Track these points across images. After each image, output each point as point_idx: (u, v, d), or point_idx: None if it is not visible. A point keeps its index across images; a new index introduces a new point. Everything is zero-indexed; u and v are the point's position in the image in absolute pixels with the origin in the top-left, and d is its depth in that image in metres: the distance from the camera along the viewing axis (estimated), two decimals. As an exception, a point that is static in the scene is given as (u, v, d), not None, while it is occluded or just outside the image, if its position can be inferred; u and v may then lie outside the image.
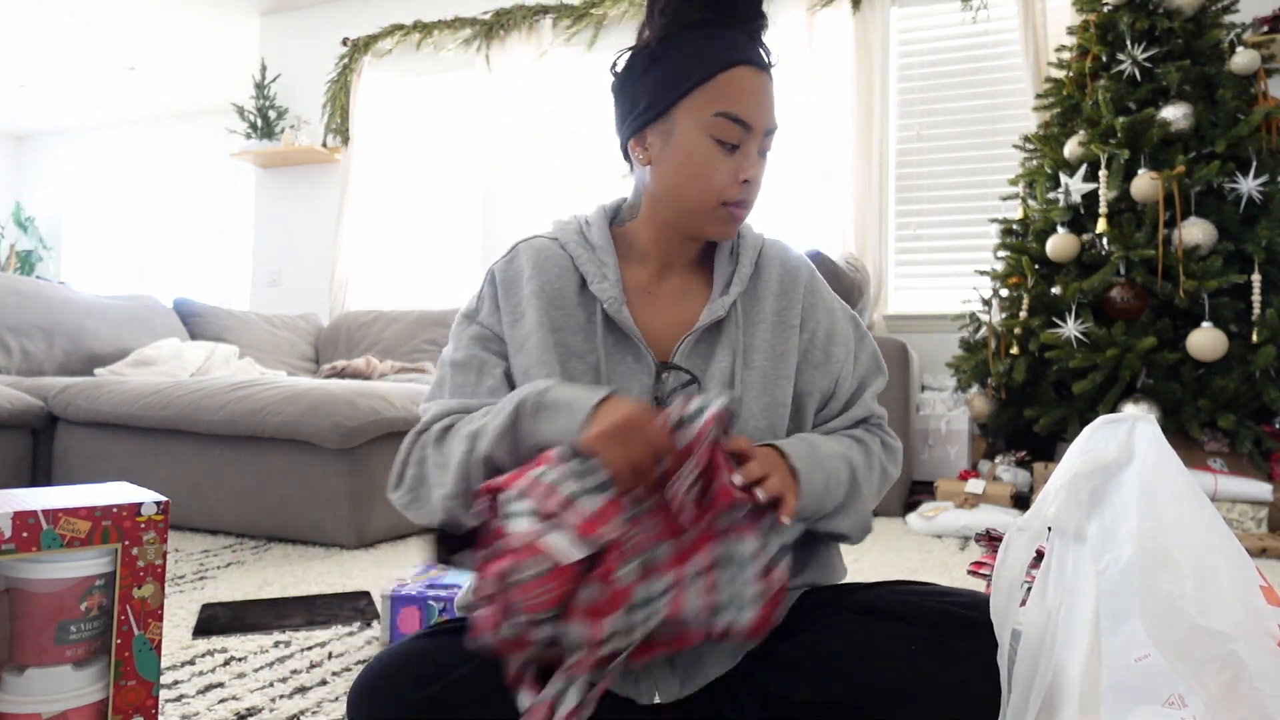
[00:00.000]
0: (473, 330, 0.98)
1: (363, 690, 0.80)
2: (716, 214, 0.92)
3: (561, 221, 1.05)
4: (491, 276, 0.99)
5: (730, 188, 0.91)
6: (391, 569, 1.98)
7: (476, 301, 1.00)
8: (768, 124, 0.92)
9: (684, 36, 0.91)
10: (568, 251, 0.99)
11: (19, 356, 2.98)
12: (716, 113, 0.89)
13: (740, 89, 0.89)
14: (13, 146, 7.39)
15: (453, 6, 4.50)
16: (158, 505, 0.85)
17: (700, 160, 0.90)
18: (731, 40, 0.90)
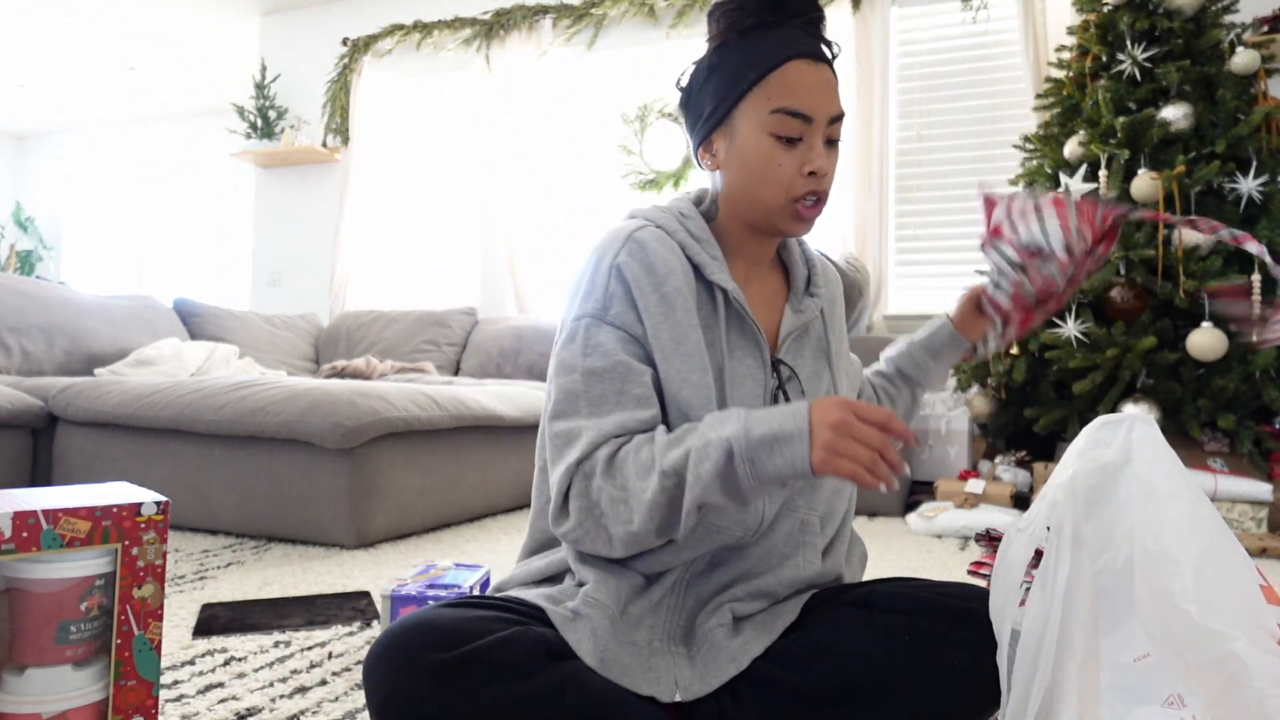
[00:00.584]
0: (606, 332, 0.91)
1: (382, 651, 0.79)
2: (787, 210, 0.93)
3: (647, 211, 1.00)
4: (618, 271, 0.92)
5: (796, 182, 0.91)
6: (391, 569, 1.98)
7: (604, 298, 0.92)
8: (829, 112, 0.92)
9: (739, 41, 0.93)
10: (677, 240, 0.96)
11: (19, 356, 2.98)
12: (773, 109, 0.90)
13: (795, 83, 0.90)
14: (13, 146, 7.39)
15: (453, 6, 4.50)
16: (158, 505, 0.85)
17: (763, 159, 0.91)
18: (784, 37, 0.91)
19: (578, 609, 0.87)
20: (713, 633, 0.88)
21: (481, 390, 2.79)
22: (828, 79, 0.92)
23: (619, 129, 4.17)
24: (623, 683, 0.83)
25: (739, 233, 0.99)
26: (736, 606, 0.91)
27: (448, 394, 2.53)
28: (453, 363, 3.93)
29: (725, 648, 0.87)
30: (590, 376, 0.89)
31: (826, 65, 0.93)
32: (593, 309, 0.92)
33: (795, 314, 1.01)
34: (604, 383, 0.89)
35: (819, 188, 0.92)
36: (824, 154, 0.92)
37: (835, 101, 0.93)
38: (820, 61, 0.92)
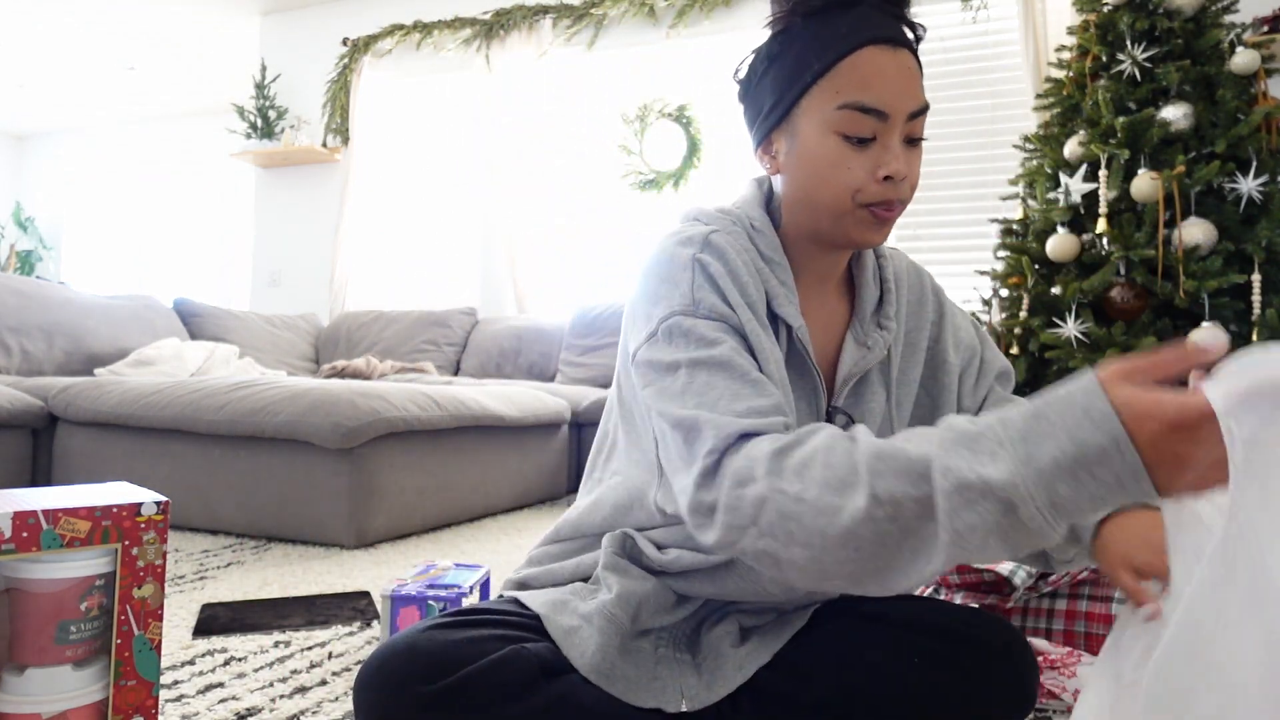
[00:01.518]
0: (704, 324, 0.78)
1: (370, 679, 0.77)
2: (857, 216, 0.80)
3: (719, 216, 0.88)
4: (700, 265, 0.80)
5: (868, 186, 0.79)
6: (391, 569, 1.98)
7: (690, 292, 0.79)
8: (908, 106, 0.78)
9: (803, 25, 0.80)
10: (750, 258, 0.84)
11: (19, 356, 2.98)
12: (841, 105, 0.77)
13: (868, 73, 0.77)
14: (13, 146, 7.39)
15: (453, 6, 4.50)
16: (158, 505, 0.85)
17: (830, 162, 0.79)
18: (857, 18, 0.78)
19: (589, 617, 0.82)
20: (720, 642, 0.85)
21: (481, 390, 2.79)
22: (908, 67, 0.79)
23: (619, 129, 4.17)
24: (625, 697, 0.79)
25: (804, 245, 0.87)
26: (744, 618, 0.89)
27: (448, 394, 2.53)
28: (453, 363, 3.93)
29: (731, 656, 0.84)
30: (697, 368, 0.75)
31: (907, 50, 0.80)
32: (680, 305, 0.79)
33: (858, 348, 0.88)
34: (714, 372, 0.75)
35: (894, 195, 0.79)
36: (902, 155, 0.78)
37: (917, 93, 0.79)
38: (899, 46, 0.79)
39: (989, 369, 0.96)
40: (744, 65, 0.87)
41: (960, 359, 0.94)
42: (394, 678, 0.76)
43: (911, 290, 0.94)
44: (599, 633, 0.80)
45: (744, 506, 0.67)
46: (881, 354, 0.88)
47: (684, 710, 0.81)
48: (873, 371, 0.89)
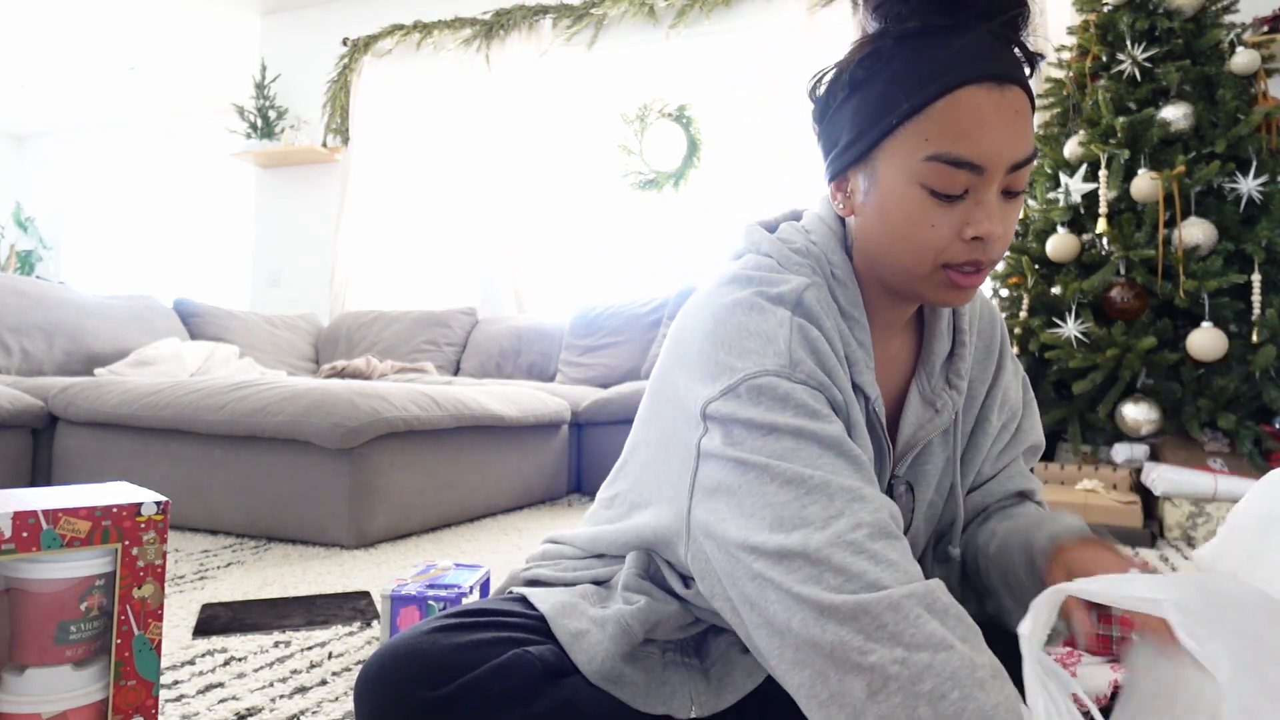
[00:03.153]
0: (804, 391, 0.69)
1: (371, 683, 0.76)
2: (935, 278, 0.71)
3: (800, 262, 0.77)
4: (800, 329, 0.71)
5: (953, 246, 0.69)
6: (391, 569, 1.98)
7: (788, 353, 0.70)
8: (1011, 158, 0.67)
9: (895, 50, 0.69)
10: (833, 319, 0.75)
11: (19, 356, 2.98)
12: (930, 155, 0.67)
13: (966, 119, 0.66)
14: (13, 146, 7.39)
15: (453, 6, 4.51)
16: (158, 505, 0.85)
17: (910, 216, 0.69)
18: (959, 49, 0.66)
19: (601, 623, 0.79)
20: (729, 648, 0.84)
21: (481, 390, 2.79)
22: (1015, 110, 0.67)
23: (619, 129, 4.17)
24: (633, 703, 0.77)
25: (876, 293, 0.78)
26: None
27: (448, 394, 2.53)
28: (453, 363, 3.93)
29: (741, 663, 0.82)
30: (804, 438, 0.66)
31: (1018, 86, 0.67)
32: (774, 365, 0.69)
33: (924, 407, 0.80)
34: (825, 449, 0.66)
35: (984, 256, 0.69)
36: (997, 212, 0.68)
37: (1024, 141, 0.67)
38: (1008, 84, 0.67)
39: (1022, 439, 0.90)
40: (822, 83, 0.76)
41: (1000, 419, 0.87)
42: (395, 682, 0.74)
43: (982, 336, 0.85)
44: (610, 640, 0.78)
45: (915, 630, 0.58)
46: (949, 419, 0.79)
47: (693, 716, 0.79)
48: (949, 437, 0.82)
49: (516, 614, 0.84)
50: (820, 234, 0.79)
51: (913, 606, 0.59)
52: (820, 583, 0.61)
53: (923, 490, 0.82)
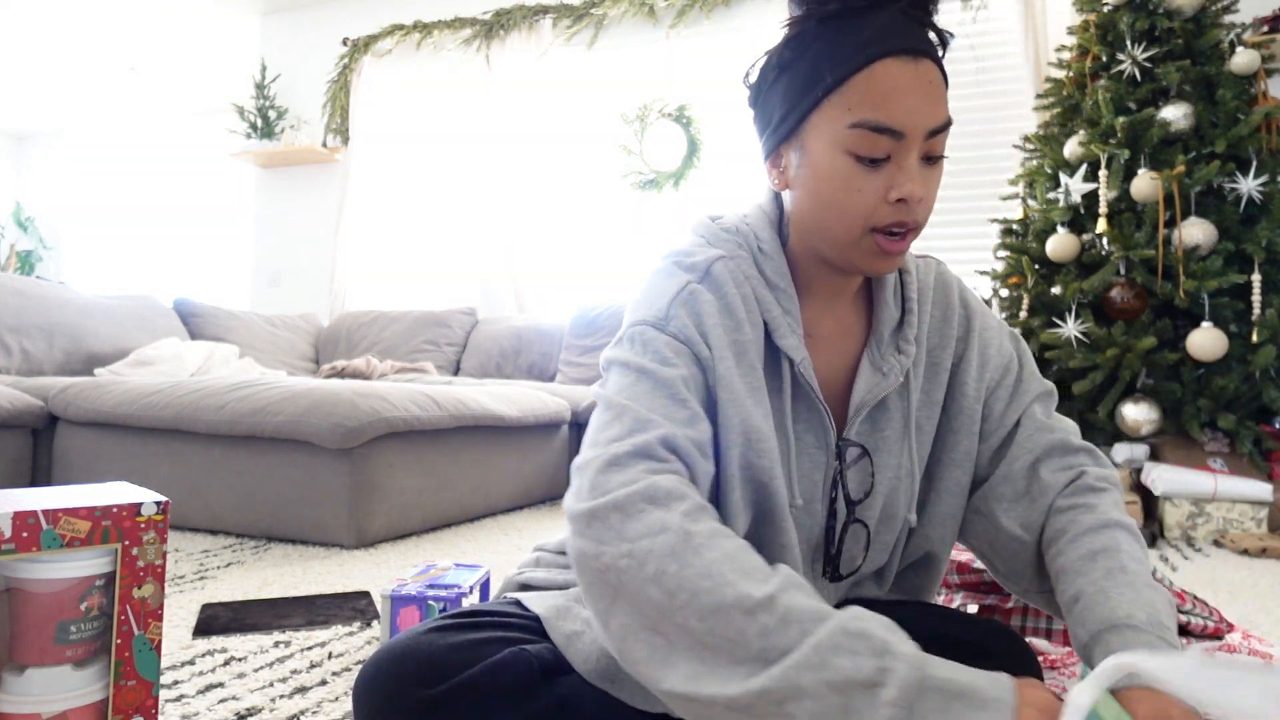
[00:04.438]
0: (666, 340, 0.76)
1: (368, 682, 0.77)
2: (864, 244, 0.76)
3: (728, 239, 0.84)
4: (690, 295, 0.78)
5: (879, 209, 0.74)
6: (391, 569, 1.98)
7: (666, 310, 0.78)
8: (927, 124, 0.73)
9: (819, 31, 0.75)
10: (751, 288, 0.81)
11: (19, 356, 2.98)
12: (853, 123, 0.72)
13: (884, 88, 0.72)
14: (13, 146, 7.39)
15: (453, 6, 4.51)
16: (158, 505, 0.85)
17: (838, 182, 0.74)
18: (876, 27, 0.73)
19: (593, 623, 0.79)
20: None
21: (481, 390, 2.79)
22: (929, 80, 0.73)
23: (619, 129, 4.17)
24: (632, 702, 0.78)
25: (812, 265, 0.83)
26: None
27: (448, 394, 2.53)
28: (453, 363, 3.93)
29: None
30: (643, 374, 0.75)
31: (930, 60, 0.74)
32: (652, 318, 0.78)
33: (874, 373, 0.83)
34: (657, 386, 0.73)
35: (907, 217, 0.74)
36: (918, 175, 0.74)
37: (938, 109, 0.73)
38: (921, 57, 0.73)
39: (1025, 391, 0.90)
40: (755, 69, 0.82)
41: (988, 380, 0.89)
42: (392, 682, 0.75)
43: (937, 305, 0.88)
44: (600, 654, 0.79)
45: (636, 522, 0.63)
46: (897, 380, 0.83)
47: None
48: (890, 397, 0.85)
49: (513, 615, 0.84)
50: (754, 215, 0.85)
51: (635, 502, 0.64)
52: (578, 496, 0.68)
53: (884, 456, 0.84)
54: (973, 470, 0.89)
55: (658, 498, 0.64)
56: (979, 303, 0.91)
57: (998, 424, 0.88)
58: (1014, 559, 0.87)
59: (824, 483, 0.83)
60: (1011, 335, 0.93)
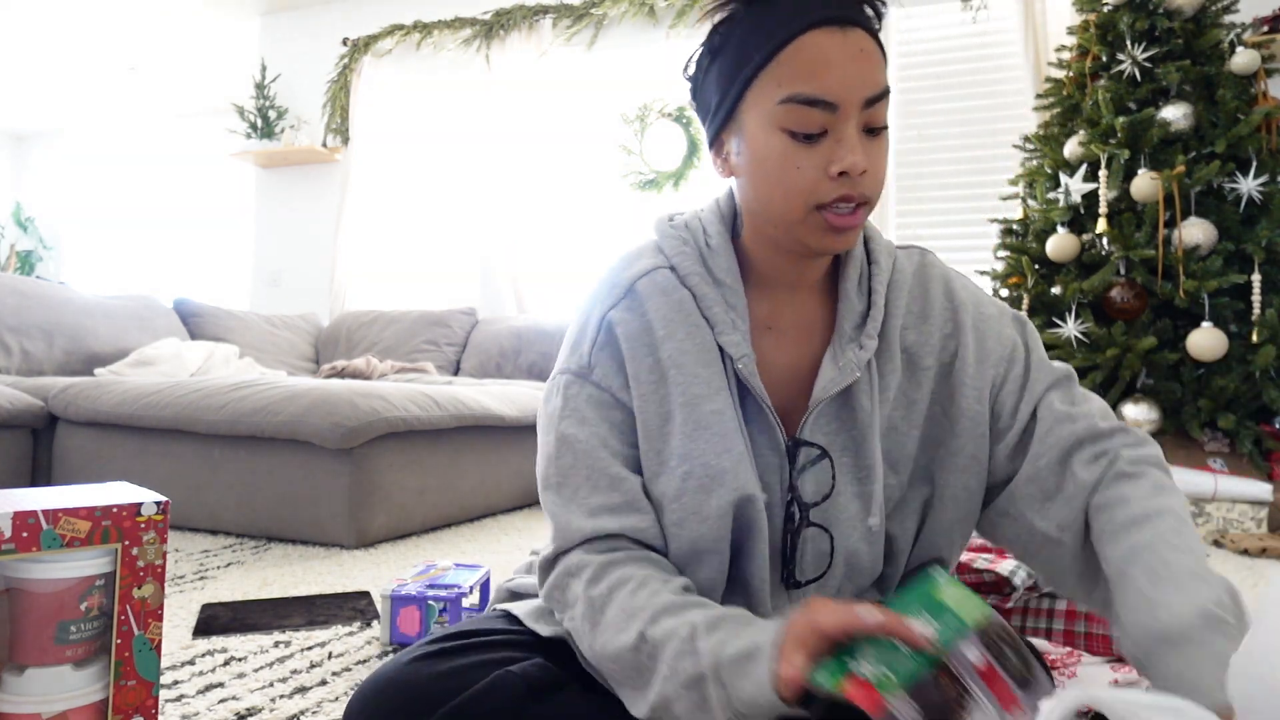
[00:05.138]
0: (588, 393, 0.79)
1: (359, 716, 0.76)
2: (812, 222, 0.73)
3: (675, 236, 0.83)
4: (608, 327, 0.79)
5: (821, 185, 0.71)
6: (391, 569, 1.98)
7: (589, 355, 0.79)
8: (862, 93, 0.70)
9: (745, 13, 0.74)
10: (689, 287, 0.80)
11: (19, 356, 2.98)
12: (783, 99, 0.70)
13: (812, 60, 0.69)
14: (13, 146, 7.39)
15: (453, 6, 4.50)
16: (158, 505, 0.85)
17: (776, 161, 0.72)
18: (799, 1, 0.71)
19: None
20: None
21: (481, 390, 2.79)
22: (860, 49, 0.70)
23: (619, 129, 4.17)
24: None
25: (767, 254, 0.80)
26: None
27: (448, 394, 2.53)
28: (453, 363, 3.93)
29: None
30: (563, 444, 0.78)
31: (860, 29, 0.71)
32: (575, 365, 0.80)
33: (834, 368, 0.78)
34: (578, 460, 0.77)
35: (852, 191, 0.71)
36: (858, 146, 0.70)
37: (873, 77, 0.71)
38: (850, 25, 0.70)
39: (1036, 380, 0.83)
40: (691, 61, 0.81)
41: (991, 375, 0.83)
42: (379, 715, 0.75)
43: (915, 299, 0.83)
44: None
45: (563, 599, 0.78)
46: (852, 376, 0.78)
47: None
48: (859, 395, 0.79)
49: (500, 631, 0.84)
50: (708, 210, 0.84)
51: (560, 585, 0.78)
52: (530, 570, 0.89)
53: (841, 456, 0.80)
54: (985, 475, 0.83)
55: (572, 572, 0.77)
56: (971, 293, 0.85)
57: (1011, 420, 0.82)
58: (1052, 562, 0.81)
59: (780, 486, 0.79)
60: (1015, 319, 0.86)
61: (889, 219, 3.68)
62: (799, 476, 0.79)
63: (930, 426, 0.83)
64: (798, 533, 0.79)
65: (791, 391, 0.81)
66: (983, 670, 0.60)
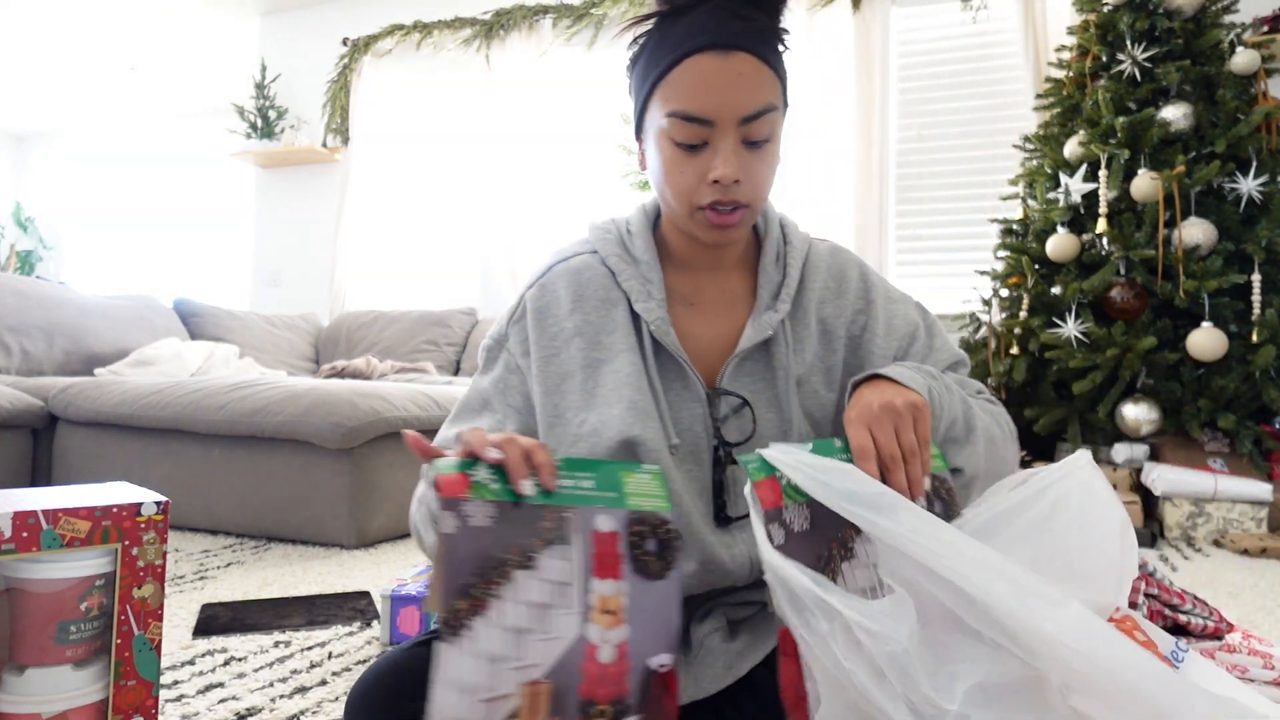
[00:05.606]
0: (502, 358, 0.93)
1: (358, 702, 0.78)
2: (698, 218, 0.83)
3: (600, 228, 0.96)
4: (524, 304, 0.92)
5: (700, 189, 0.81)
6: (391, 569, 1.98)
7: (506, 326, 0.93)
8: (737, 113, 0.78)
9: (652, 32, 0.83)
10: (609, 267, 0.91)
11: (19, 356, 2.98)
12: (669, 113, 0.80)
13: (691, 81, 0.78)
14: (13, 146, 7.39)
15: (453, 6, 4.50)
16: (158, 505, 0.85)
17: (666, 166, 0.83)
18: (687, 25, 0.79)
19: None
20: (709, 638, 0.86)
21: (481, 390, 2.79)
22: (739, 72, 0.78)
23: (619, 129, 4.17)
24: None
25: (682, 240, 0.91)
26: (729, 611, 0.89)
27: (448, 394, 2.53)
28: (453, 363, 3.93)
29: (722, 653, 0.85)
30: (470, 391, 0.93)
31: (745, 53, 0.78)
32: (495, 334, 0.94)
33: (754, 331, 0.89)
34: (467, 411, 0.92)
35: (727, 196, 0.80)
36: (734, 159, 0.79)
37: (750, 96, 0.78)
38: (733, 50, 0.78)
39: (939, 356, 0.93)
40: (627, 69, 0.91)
41: (895, 346, 0.92)
42: (382, 698, 0.76)
43: (832, 277, 0.93)
44: None
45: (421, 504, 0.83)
46: (766, 333, 0.88)
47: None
48: (776, 353, 0.89)
49: None
50: (634, 208, 0.96)
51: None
52: None
53: (766, 409, 0.88)
54: None
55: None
56: (881, 279, 0.96)
57: None
58: None
59: (706, 433, 0.87)
60: (918, 307, 0.97)
61: (889, 219, 3.68)
62: (723, 423, 0.87)
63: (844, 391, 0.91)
64: (723, 470, 0.87)
65: (716, 357, 0.90)
66: (600, 534, 0.67)
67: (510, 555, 0.63)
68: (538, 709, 0.60)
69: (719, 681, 0.83)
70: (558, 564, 0.64)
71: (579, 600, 0.64)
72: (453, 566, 0.62)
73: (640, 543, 0.68)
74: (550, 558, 0.64)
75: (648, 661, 0.65)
